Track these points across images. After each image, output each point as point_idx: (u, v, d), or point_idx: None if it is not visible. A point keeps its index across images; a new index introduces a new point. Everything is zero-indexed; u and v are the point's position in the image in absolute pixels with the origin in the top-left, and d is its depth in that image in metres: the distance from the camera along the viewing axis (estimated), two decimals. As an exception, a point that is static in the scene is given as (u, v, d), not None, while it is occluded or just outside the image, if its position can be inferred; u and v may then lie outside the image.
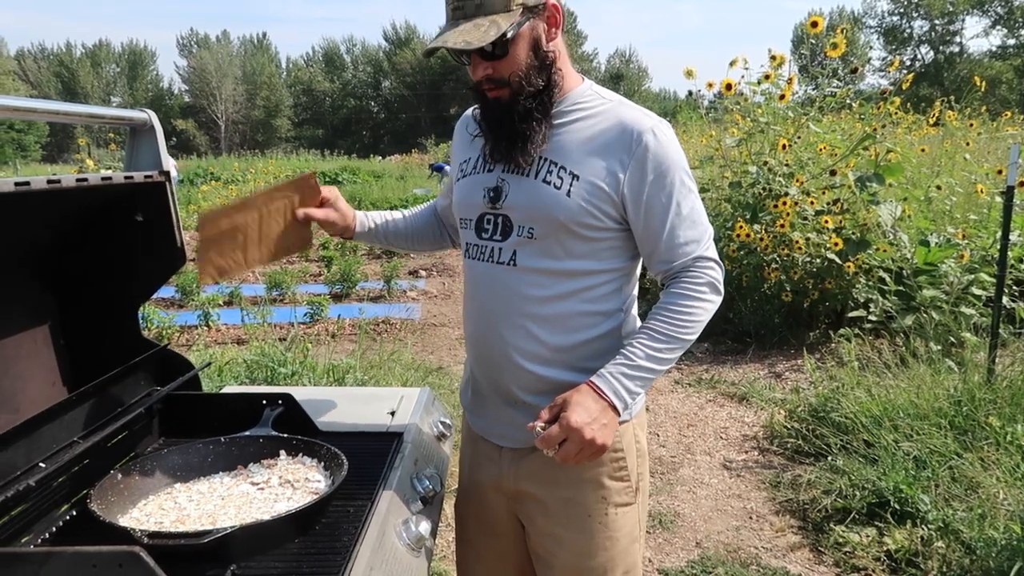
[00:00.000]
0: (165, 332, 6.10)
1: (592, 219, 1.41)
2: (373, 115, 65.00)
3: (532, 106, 1.40)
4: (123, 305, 1.72)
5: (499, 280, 1.48)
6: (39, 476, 1.21)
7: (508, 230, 1.46)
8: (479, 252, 1.51)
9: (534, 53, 1.40)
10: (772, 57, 5.83)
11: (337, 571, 1.14)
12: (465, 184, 1.55)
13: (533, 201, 1.43)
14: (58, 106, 1.40)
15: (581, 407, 1.32)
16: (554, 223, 1.41)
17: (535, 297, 1.45)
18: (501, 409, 1.55)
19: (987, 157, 7.94)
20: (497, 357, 1.51)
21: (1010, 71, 47.60)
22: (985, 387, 3.65)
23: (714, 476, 3.76)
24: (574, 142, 1.43)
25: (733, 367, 5.38)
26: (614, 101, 1.47)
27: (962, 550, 2.76)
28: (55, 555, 0.99)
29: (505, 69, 1.39)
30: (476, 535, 1.70)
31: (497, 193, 1.47)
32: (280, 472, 1.45)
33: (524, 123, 1.41)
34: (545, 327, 1.46)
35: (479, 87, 1.43)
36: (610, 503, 1.52)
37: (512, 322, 1.47)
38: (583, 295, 1.46)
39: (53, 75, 60.60)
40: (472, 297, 1.56)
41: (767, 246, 5.57)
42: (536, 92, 1.41)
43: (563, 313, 1.46)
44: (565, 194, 1.40)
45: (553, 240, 1.43)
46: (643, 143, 1.39)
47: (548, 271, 1.44)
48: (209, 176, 22.09)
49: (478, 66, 1.40)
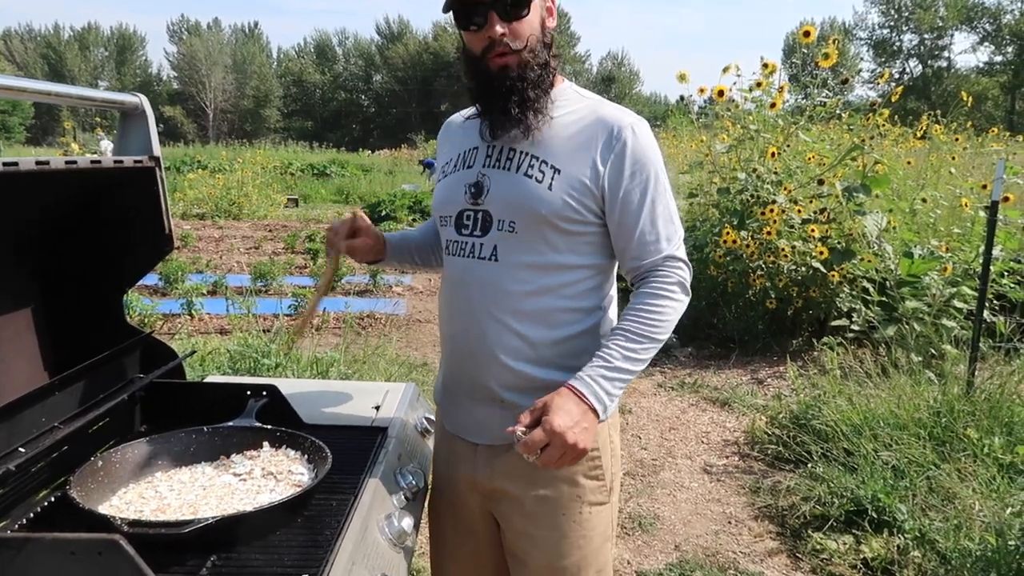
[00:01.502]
0: (148, 320, 6.04)
1: (573, 213, 1.42)
2: (363, 109, 64.72)
3: (539, 75, 1.42)
4: (108, 291, 1.70)
5: (480, 275, 1.48)
6: (18, 461, 1.19)
7: (488, 225, 1.47)
8: (459, 248, 1.51)
9: (541, 28, 1.43)
10: (764, 65, 5.87)
11: (319, 564, 1.13)
12: (446, 183, 1.55)
13: (515, 195, 1.43)
14: (49, 87, 1.38)
15: (563, 411, 1.30)
16: (536, 217, 1.42)
17: (517, 292, 1.45)
18: (477, 406, 1.54)
19: (972, 172, 8.02)
20: (477, 353, 1.50)
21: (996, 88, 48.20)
22: (964, 399, 3.69)
23: (694, 480, 3.78)
24: (556, 138, 1.44)
25: (716, 372, 5.40)
26: (593, 99, 1.50)
27: (937, 560, 2.79)
28: (33, 541, 0.98)
29: (524, 31, 1.40)
30: (451, 534, 1.69)
31: (478, 188, 1.48)
32: (263, 464, 1.44)
33: (535, 90, 1.41)
34: (526, 322, 1.46)
35: (484, 56, 1.42)
36: (585, 502, 1.52)
37: (494, 317, 1.47)
38: (564, 291, 1.47)
39: (40, 57, 59.91)
40: (450, 294, 1.55)
41: (753, 253, 5.60)
42: (543, 64, 1.42)
43: (544, 308, 1.46)
44: (547, 188, 1.41)
45: (535, 234, 1.43)
46: (623, 139, 1.41)
47: (530, 265, 1.45)
48: (196, 164, 21.90)
49: (495, 25, 1.38)
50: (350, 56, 66.67)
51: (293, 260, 9.38)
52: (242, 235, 11.87)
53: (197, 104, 58.86)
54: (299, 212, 16.01)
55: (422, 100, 59.22)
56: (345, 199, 19.05)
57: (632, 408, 4.71)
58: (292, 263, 9.13)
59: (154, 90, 59.88)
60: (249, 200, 14.89)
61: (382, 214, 13.37)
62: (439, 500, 1.69)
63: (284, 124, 61.47)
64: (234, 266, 9.21)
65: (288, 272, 8.53)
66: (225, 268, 8.97)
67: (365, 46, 65.99)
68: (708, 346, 5.93)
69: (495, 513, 1.60)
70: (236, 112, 60.13)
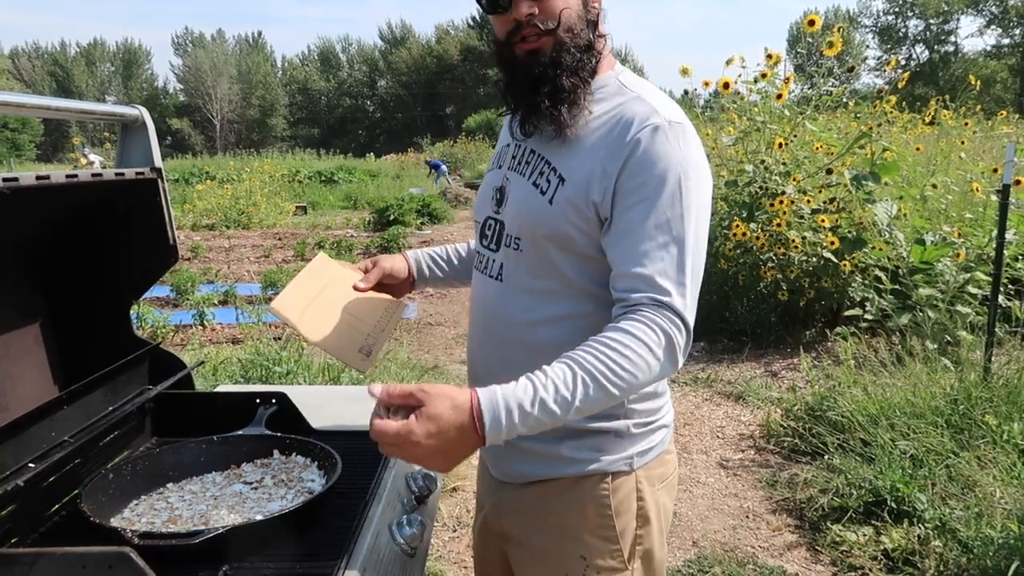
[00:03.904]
0: (160, 331, 6.07)
1: (575, 232, 1.19)
2: (369, 114, 64.94)
3: (578, 60, 1.19)
4: (115, 303, 1.70)
5: (489, 296, 1.32)
6: (28, 476, 1.19)
7: (500, 239, 1.29)
8: (480, 261, 1.37)
9: (583, 2, 1.20)
10: (768, 56, 5.83)
11: (331, 571, 1.13)
12: (482, 184, 1.40)
13: (520, 207, 1.26)
14: (49, 101, 1.38)
15: (436, 422, 1.00)
16: (536, 234, 1.22)
17: (520, 322, 1.26)
18: None
19: (982, 156, 7.95)
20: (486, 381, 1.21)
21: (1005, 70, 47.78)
22: (981, 386, 3.65)
23: (711, 475, 3.76)
24: (574, 138, 1.22)
25: (729, 366, 5.37)
26: (633, 93, 1.23)
27: (959, 549, 2.76)
28: (44, 556, 0.98)
29: (556, 5, 1.17)
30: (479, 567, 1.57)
31: (502, 194, 1.31)
32: (273, 471, 1.44)
33: (572, 77, 1.18)
34: (534, 356, 1.13)
35: (510, 39, 1.21)
36: (590, 565, 1.28)
37: (500, 346, 1.30)
38: (574, 322, 1.23)
39: (48, 74, 60.52)
40: (471, 311, 1.41)
41: (763, 245, 5.56)
42: (583, 46, 1.20)
43: (552, 341, 1.21)
44: (548, 201, 1.20)
45: (537, 254, 1.23)
46: (636, 137, 1.15)
47: (532, 290, 1.25)
48: (204, 175, 22.02)
49: (520, 4, 1.17)
50: (354, 62, 66.96)
51: (303, 267, 9.40)
52: (252, 244, 11.91)
53: (204, 115, 59.26)
54: (308, 219, 16.07)
55: (427, 104, 59.39)
56: (353, 205, 19.10)
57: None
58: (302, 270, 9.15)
59: (161, 103, 60.41)
60: (258, 209, 14.94)
61: (390, 218, 13.39)
62: (475, 528, 1.57)
63: (290, 132, 61.81)
64: (244, 275, 9.24)
65: (298, 279, 8.54)
66: (235, 278, 9.00)
67: (368, 52, 66.28)
68: (720, 340, 5.90)
69: (508, 556, 1.42)
70: (243, 122, 60.50)
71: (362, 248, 10.89)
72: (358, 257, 10.15)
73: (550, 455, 1.29)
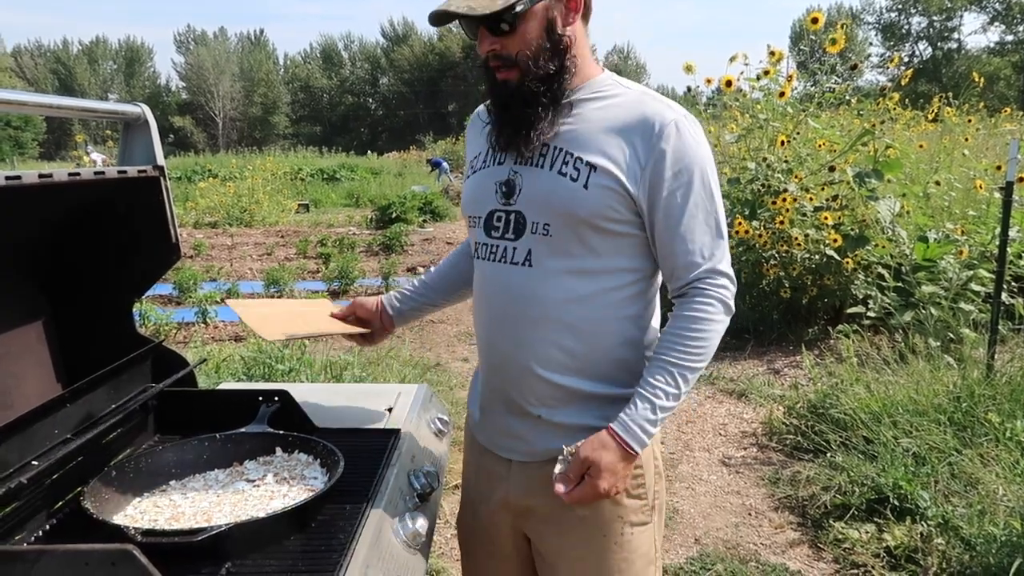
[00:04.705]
0: (163, 329, 6.08)
1: (612, 212, 1.32)
2: (371, 112, 64.92)
3: (539, 90, 1.31)
4: (117, 301, 1.70)
5: (514, 282, 1.38)
6: (32, 473, 1.20)
7: (521, 227, 1.37)
8: (489, 252, 1.42)
9: (547, 35, 1.31)
10: (771, 53, 5.82)
11: (333, 568, 1.13)
12: (475, 180, 1.46)
13: (549, 195, 1.33)
14: (52, 100, 1.39)
15: (609, 472, 1.29)
16: (573, 218, 1.32)
17: (554, 300, 1.35)
18: (512, 420, 1.45)
19: (986, 153, 7.93)
20: (512, 365, 1.41)
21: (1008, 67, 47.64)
22: (984, 383, 3.64)
23: (713, 473, 3.76)
24: (591, 131, 1.33)
25: (732, 363, 5.37)
26: (635, 90, 1.38)
27: (962, 546, 2.75)
28: (47, 553, 0.98)
29: (512, 46, 1.30)
30: (481, 556, 1.61)
31: (510, 188, 1.38)
32: (276, 469, 1.44)
33: (529, 108, 1.32)
34: (565, 332, 1.36)
35: (488, 65, 1.34)
36: (626, 522, 1.43)
37: (530, 328, 1.37)
38: (605, 297, 1.37)
39: (50, 72, 60.53)
40: (483, 301, 1.46)
41: (766, 242, 5.56)
42: (546, 76, 1.31)
43: (584, 317, 1.36)
44: (583, 186, 1.31)
45: (572, 237, 1.33)
46: (664, 137, 1.30)
47: (568, 271, 1.35)
48: (207, 173, 22.02)
49: (484, 40, 1.31)
50: (356, 60, 66.89)
51: (305, 265, 9.41)
52: (254, 242, 11.92)
53: (206, 113, 59.26)
54: (310, 217, 16.07)
55: (429, 101, 59.34)
56: (356, 203, 19.09)
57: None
58: (304, 268, 9.17)
59: (163, 101, 60.39)
60: (260, 207, 14.95)
61: (393, 216, 13.39)
62: (469, 518, 1.62)
63: (293, 130, 61.80)
64: (247, 273, 9.25)
65: (300, 277, 8.56)
66: (238, 275, 9.01)
67: (371, 49, 66.18)
68: (723, 337, 5.88)
69: (528, 532, 1.51)
70: (245, 120, 60.50)
71: (364, 245, 10.89)
72: (360, 254, 10.16)
73: (581, 427, 1.38)
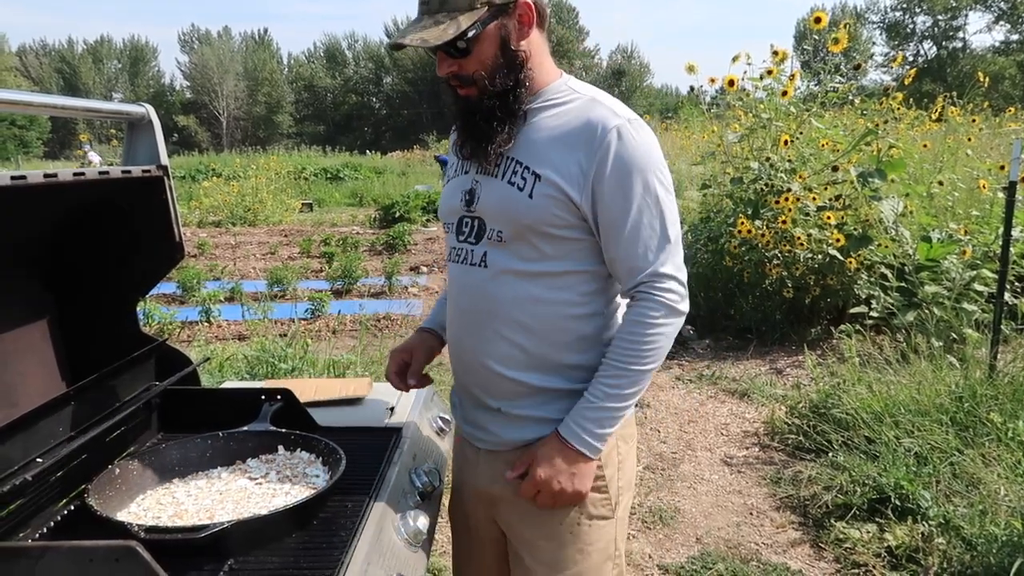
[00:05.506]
0: (166, 328, 6.10)
1: (557, 219, 1.37)
2: (375, 111, 64.86)
3: (494, 105, 1.37)
4: (122, 300, 1.71)
5: (474, 283, 1.46)
6: (36, 471, 1.21)
7: (481, 233, 1.44)
8: (457, 254, 1.50)
9: (502, 52, 1.36)
10: (774, 52, 5.81)
11: (335, 566, 1.14)
12: (447, 188, 1.54)
13: (500, 203, 1.40)
14: (56, 100, 1.40)
15: (547, 462, 1.39)
16: (519, 225, 1.38)
17: (507, 299, 1.42)
18: (477, 412, 1.53)
19: (990, 153, 7.91)
20: (471, 361, 1.49)
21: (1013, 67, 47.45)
22: (986, 383, 3.64)
23: (715, 472, 3.76)
24: (541, 140, 1.39)
25: (734, 363, 5.37)
26: (585, 96, 1.42)
27: (963, 546, 2.75)
28: (52, 549, 0.99)
29: (469, 67, 1.36)
30: (465, 541, 1.69)
31: (471, 195, 1.45)
32: (278, 467, 1.45)
33: (486, 123, 1.38)
34: (520, 332, 1.42)
35: (449, 83, 1.41)
36: (584, 513, 1.47)
37: (486, 326, 1.44)
38: (558, 297, 1.42)
39: (55, 71, 60.64)
40: (451, 301, 1.54)
41: (768, 242, 5.55)
42: (502, 92, 1.37)
43: (537, 316, 1.42)
44: (528, 195, 1.36)
45: (523, 242, 1.39)
46: (606, 142, 1.33)
47: (519, 273, 1.41)
48: (211, 172, 22.05)
49: (443, 63, 1.37)
50: (360, 59, 66.83)
51: (309, 264, 9.42)
52: (258, 241, 11.94)
53: (210, 112, 59.30)
54: (314, 216, 16.09)
55: (432, 100, 59.27)
56: (359, 202, 19.11)
57: (651, 402, 4.69)
58: (308, 267, 9.18)
59: (167, 100, 60.42)
60: (264, 206, 14.97)
61: (396, 215, 13.40)
62: (456, 506, 1.69)
63: (297, 129, 61.78)
64: (250, 272, 9.27)
65: (304, 276, 8.57)
66: (241, 274, 9.02)
67: (374, 49, 66.11)
68: (726, 337, 5.90)
69: (498, 520, 1.58)
70: (249, 119, 60.53)
71: (368, 245, 10.90)
72: (364, 253, 10.16)
73: (542, 419, 1.45)
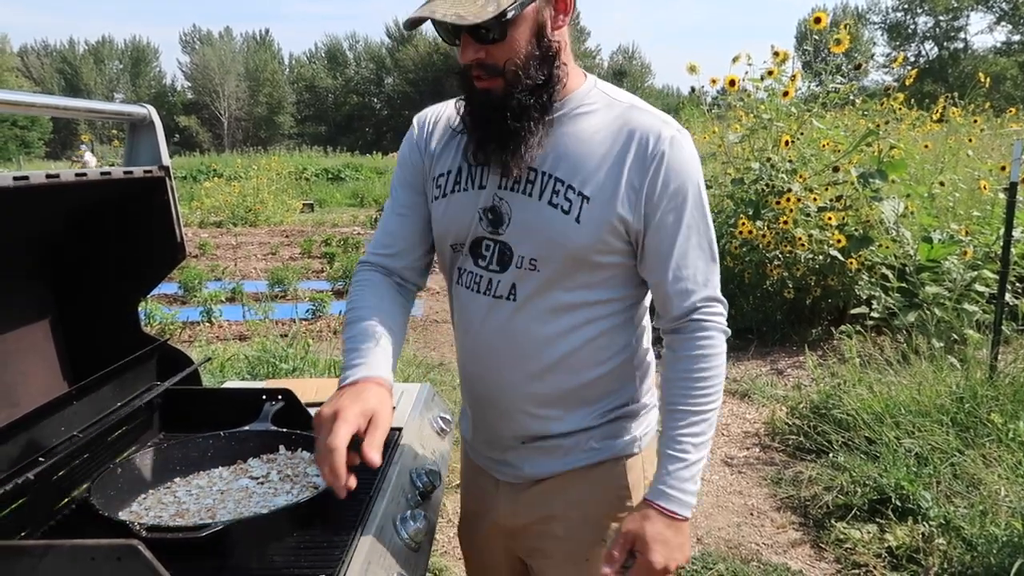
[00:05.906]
0: (168, 328, 6.10)
1: (606, 245, 1.24)
2: (376, 112, 64.85)
3: (529, 102, 1.19)
4: (123, 300, 1.72)
5: (500, 316, 1.30)
6: (38, 470, 1.21)
7: (507, 260, 1.27)
8: (474, 281, 1.33)
9: (537, 41, 1.19)
10: (775, 53, 5.81)
11: (335, 565, 1.14)
12: (453, 203, 1.32)
13: (541, 229, 1.24)
14: (58, 101, 1.40)
15: (659, 543, 1.20)
16: (563, 254, 1.24)
17: (539, 336, 1.29)
18: (497, 444, 1.43)
19: (991, 153, 7.91)
20: (497, 401, 1.37)
21: (1014, 67, 47.40)
22: (987, 384, 3.64)
23: (715, 472, 3.76)
24: (581, 153, 1.23)
25: (735, 364, 5.37)
26: (624, 103, 1.27)
27: (963, 547, 2.76)
28: (54, 548, 0.99)
29: (500, 55, 1.17)
30: (478, 568, 1.61)
31: (497, 216, 1.27)
32: (279, 466, 1.45)
33: (518, 121, 1.20)
34: (551, 369, 1.30)
35: (466, 73, 1.22)
36: (608, 540, 1.36)
37: (515, 364, 1.32)
38: (591, 328, 1.30)
39: (56, 72, 60.70)
40: (468, 332, 1.38)
41: (769, 243, 5.56)
42: (535, 87, 1.20)
43: (571, 351, 1.30)
44: (575, 220, 1.22)
45: (559, 272, 1.25)
46: (660, 155, 1.21)
47: (554, 307, 1.27)
48: (212, 172, 22.08)
49: (468, 48, 1.18)
50: (361, 60, 66.85)
51: (309, 265, 9.43)
52: (259, 241, 11.95)
53: (212, 113, 59.34)
54: (315, 217, 16.11)
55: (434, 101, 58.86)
56: (360, 202, 19.13)
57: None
58: (308, 268, 9.18)
59: (168, 100, 60.44)
60: (265, 206, 15.00)
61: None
62: (468, 535, 1.59)
63: (298, 130, 61.80)
64: (251, 272, 9.28)
65: (304, 277, 8.58)
66: (243, 275, 9.03)
67: (375, 49, 66.16)
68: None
69: (521, 554, 1.48)
70: (250, 119, 60.55)
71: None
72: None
73: (575, 448, 1.36)
